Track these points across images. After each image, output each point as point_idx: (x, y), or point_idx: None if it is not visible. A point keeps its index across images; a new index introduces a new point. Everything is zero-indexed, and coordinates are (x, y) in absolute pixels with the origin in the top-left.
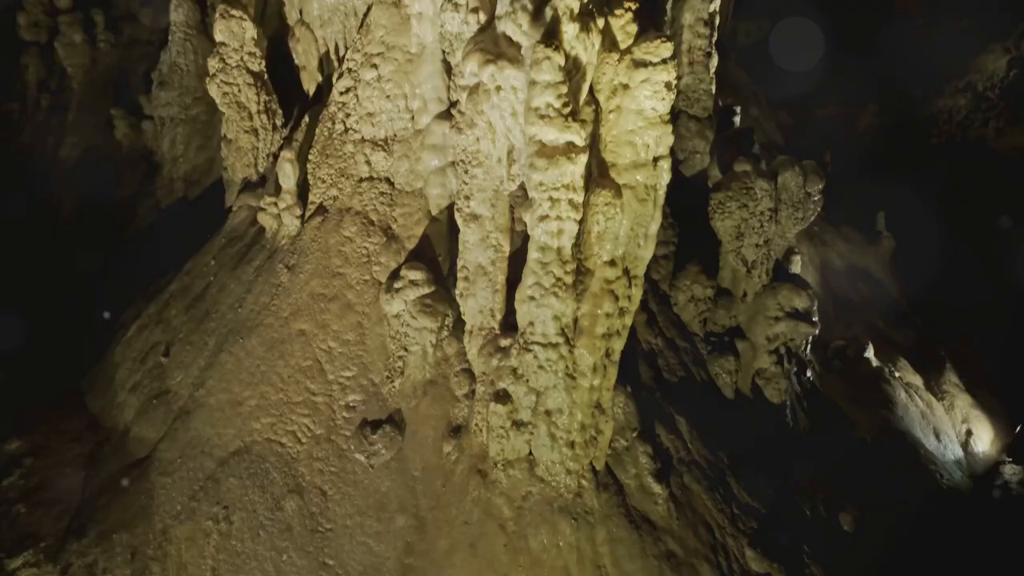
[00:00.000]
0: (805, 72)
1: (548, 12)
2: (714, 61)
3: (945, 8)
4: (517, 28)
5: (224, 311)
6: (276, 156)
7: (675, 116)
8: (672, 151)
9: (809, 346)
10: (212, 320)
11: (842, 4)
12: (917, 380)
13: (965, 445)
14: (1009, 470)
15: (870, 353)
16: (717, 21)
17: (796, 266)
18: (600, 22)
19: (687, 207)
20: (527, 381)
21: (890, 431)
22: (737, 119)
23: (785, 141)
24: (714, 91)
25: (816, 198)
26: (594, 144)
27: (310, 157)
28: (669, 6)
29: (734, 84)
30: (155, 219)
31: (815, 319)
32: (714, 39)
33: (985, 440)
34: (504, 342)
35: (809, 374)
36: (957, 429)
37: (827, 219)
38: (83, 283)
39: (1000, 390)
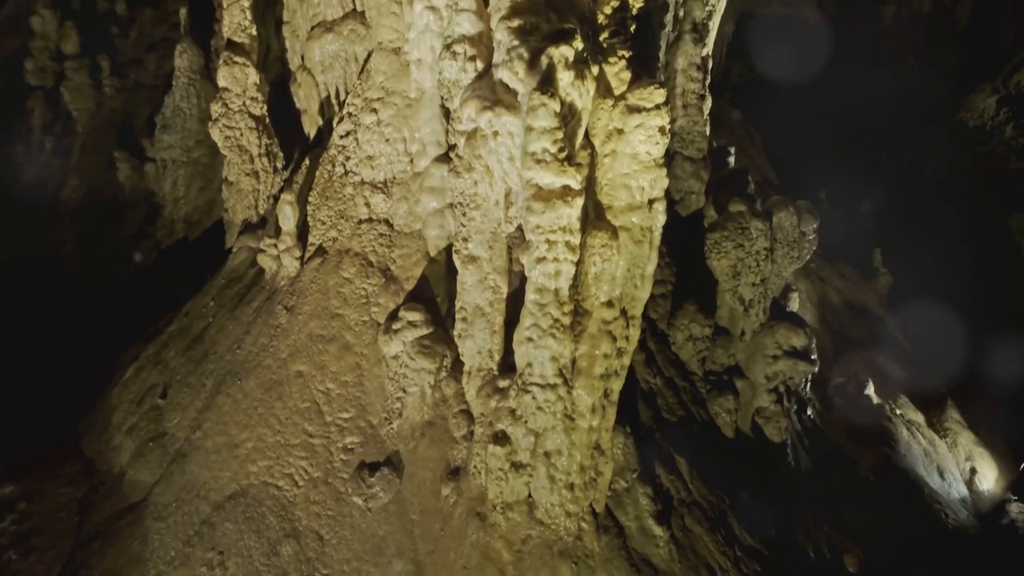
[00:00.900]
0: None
1: (544, 60)
2: (708, 103)
3: (934, 49)
4: (514, 76)
5: (222, 352)
6: (276, 198)
7: (670, 157)
8: (668, 192)
9: (809, 384)
10: (210, 361)
11: (833, 44)
12: (918, 417)
13: (969, 483)
14: (1015, 508)
15: (870, 390)
16: (710, 65)
17: (794, 303)
18: (595, 69)
19: (684, 246)
20: (526, 422)
21: (893, 469)
22: (732, 159)
23: (780, 179)
24: (708, 132)
25: (811, 237)
26: (590, 187)
27: (310, 199)
28: (663, 51)
29: (729, 124)
30: (155, 259)
31: (814, 357)
32: (707, 82)
33: (990, 478)
34: (502, 383)
35: (809, 412)
36: (961, 467)
37: (823, 255)
38: (82, 323)
39: (1002, 426)
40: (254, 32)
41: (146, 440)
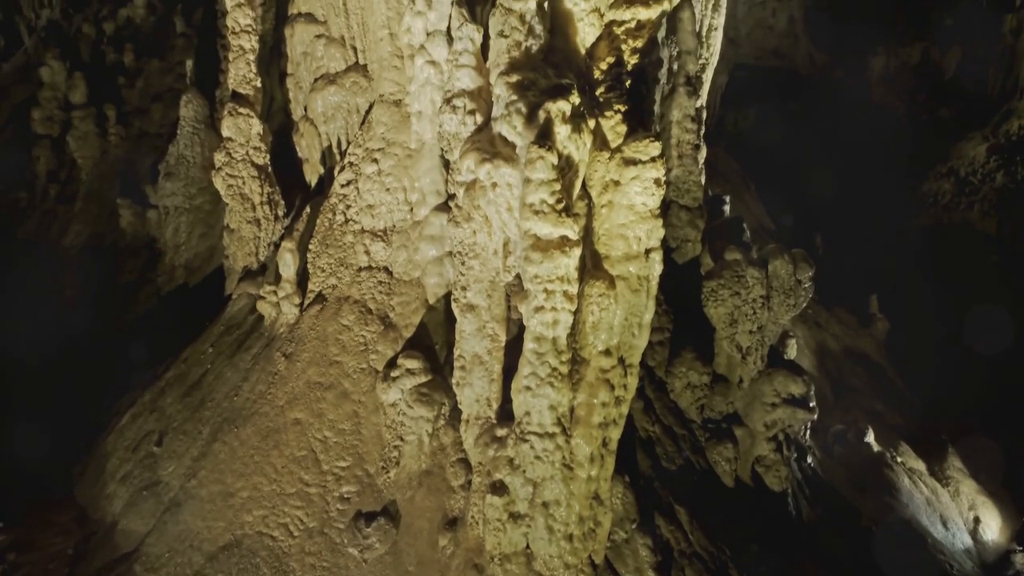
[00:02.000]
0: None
1: (541, 115)
2: (702, 153)
3: (923, 99)
4: (512, 129)
5: (220, 399)
6: (277, 245)
7: (666, 206)
8: (664, 240)
9: (808, 432)
10: (207, 408)
11: (824, 95)
12: (920, 465)
13: (974, 533)
14: (1021, 559)
15: (870, 438)
16: (704, 115)
17: (792, 350)
18: (591, 123)
19: (681, 294)
20: (524, 472)
21: (896, 519)
22: (727, 207)
23: (776, 225)
24: (703, 181)
25: (807, 285)
26: (587, 237)
27: (310, 247)
28: (658, 104)
29: (724, 171)
30: (154, 305)
31: (812, 404)
32: (702, 132)
33: (994, 528)
34: (501, 432)
35: (810, 460)
36: (964, 516)
37: (820, 301)
38: (80, 369)
39: (1004, 475)
40: (258, 84)
41: (140, 488)
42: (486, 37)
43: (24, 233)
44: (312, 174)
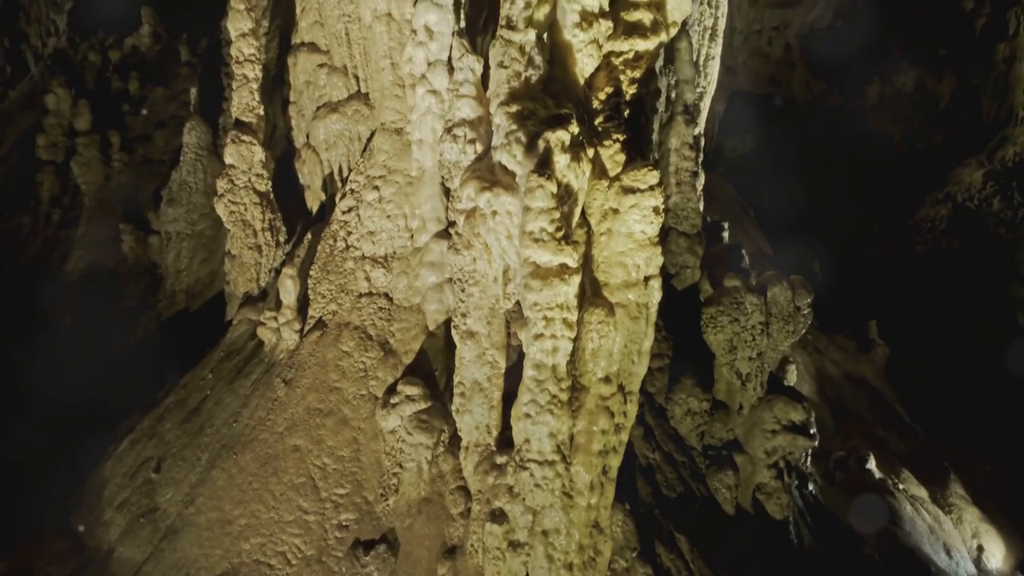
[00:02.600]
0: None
1: (541, 144)
2: (700, 180)
3: (919, 124)
4: (512, 158)
5: (219, 425)
6: (278, 271)
7: (665, 233)
8: (663, 266)
9: (809, 459)
10: (206, 435)
11: (820, 121)
12: (922, 492)
13: (977, 561)
14: None
15: (872, 465)
16: (702, 143)
17: (791, 376)
18: (590, 152)
19: (680, 320)
20: (523, 500)
21: (899, 547)
22: (725, 234)
23: (774, 251)
24: (702, 208)
25: (806, 312)
26: (587, 264)
27: (311, 273)
28: (656, 132)
29: (722, 197)
30: (155, 331)
31: (813, 431)
32: (700, 159)
33: (998, 556)
34: (500, 459)
35: (811, 487)
36: (968, 544)
37: (819, 326)
38: (80, 394)
39: (1006, 501)
40: (261, 112)
41: (137, 516)
42: (486, 67)
43: (27, 259)
44: (314, 200)
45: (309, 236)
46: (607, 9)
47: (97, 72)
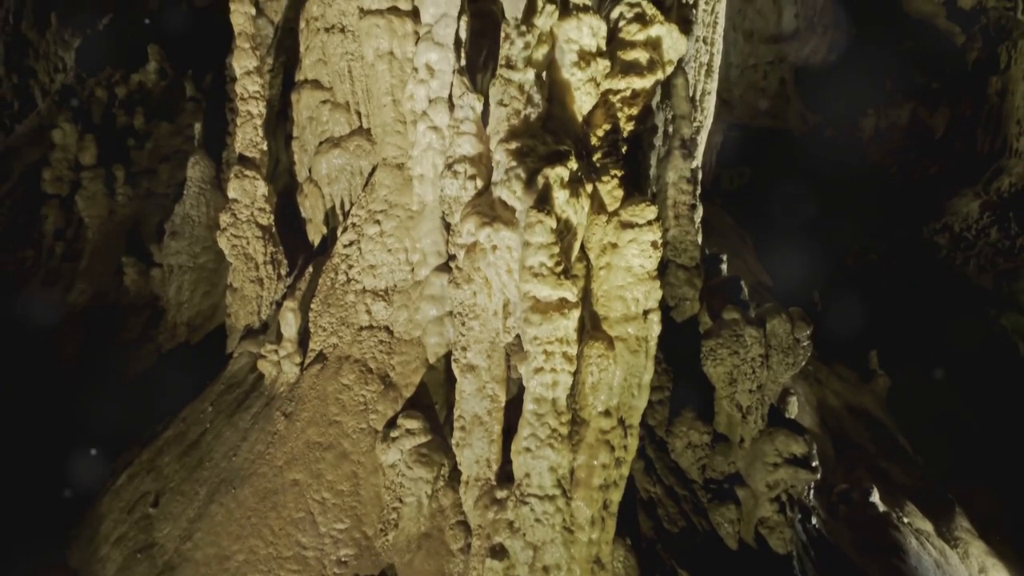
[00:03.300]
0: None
1: (540, 180)
2: (699, 213)
3: (915, 155)
4: (512, 194)
5: (218, 459)
6: (279, 304)
7: (664, 265)
8: (663, 299)
9: (812, 492)
10: (205, 469)
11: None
12: (927, 526)
13: None
14: None
15: (875, 497)
16: (700, 176)
17: (793, 408)
18: (589, 188)
19: (680, 352)
20: (524, 535)
21: None
22: (724, 266)
23: (774, 282)
24: (700, 241)
25: (805, 344)
26: (586, 298)
27: (312, 306)
28: (653, 167)
29: (721, 228)
30: (155, 363)
31: (815, 464)
32: (698, 192)
33: None
34: (500, 494)
35: (814, 521)
36: None
37: (820, 356)
38: (79, 428)
39: (1013, 534)
40: (264, 147)
41: (134, 551)
42: (486, 105)
43: (29, 291)
44: (315, 234)
45: (310, 269)
46: (604, 49)
47: (103, 107)
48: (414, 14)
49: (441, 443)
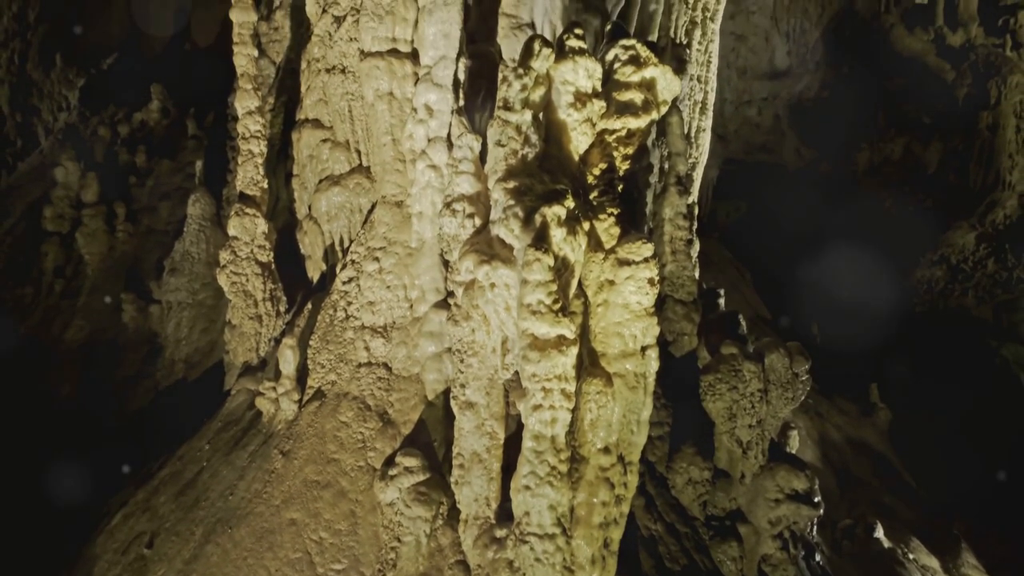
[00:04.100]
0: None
1: (537, 219)
2: (695, 248)
3: (909, 188)
4: (510, 233)
5: (214, 498)
6: (278, 341)
7: (662, 300)
8: (661, 333)
9: (815, 528)
10: (201, 508)
11: (814, 186)
12: (933, 563)
13: None
14: None
15: (880, 533)
16: (696, 211)
17: (794, 442)
18: (586, 225)
19: (679, 387)
20: (523, 575)
21: None
22: (722, 300)
23: (772, 315)
24: (697, 275)
25: (804, 378)
26: (584, 335)
27: (311, 343)
28: (650, 203)
29: (718, 262)
30: (153, 400)
31: (817, 500)
32: (694, 227)
33: None
34: (500, 533)
35: (818, 558)
36: None
37: (820, 390)
38: (74, 466)
39: (1020, 571)
40: (265, 185)
41: None
42: (484, 144)
43: (27, 328)
44: (314, 271)
45: (309, 306)
46: (600, 90)
47: (106, 145)
48: (413, 56)
49: (440, 481)
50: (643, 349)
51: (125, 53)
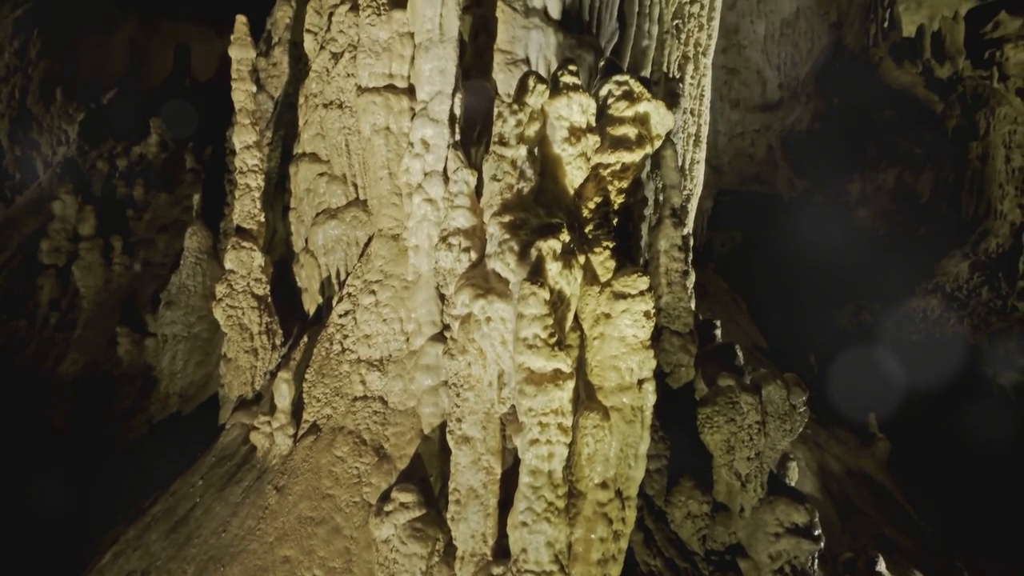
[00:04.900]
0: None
1: (533, 252)
2: (691, 279)
3: (902, 218)
4: (505, 266)
5: (207, 536)
6: (273, 374)
7: (659, 332)
8: (658, 365)
9: (816, 561)
10: (194, 545)
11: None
12: None
13: None
14: None
15: (882, 566)
16: (691, 243)
17: (793, 474)
18: (581, 259)
19: (677, 420)
20: None
21: None
22: (718, 332)
23: (769, 344)
24: (693, 307)
25: (801, 410)
26: (580, 368)
27: (307, 376)
28: (645, 235)
29: (714, 293)
30: (147, 434)
31: (817, 533)
32: (689, 259)
33: None
34: (497, 570)
35: None
36: None
37: (819, 420)
38: (67, 502)
39: None
40: (262, 219)
41: None
42: (480, 178)
43: (21, 361)
44: (311, 303)
45: (305, 339)
46: (594, 125)
47: (104, 179)
48: (410, 91)
49: (436, 517)
50: (640, 382)
51: (125, 87)
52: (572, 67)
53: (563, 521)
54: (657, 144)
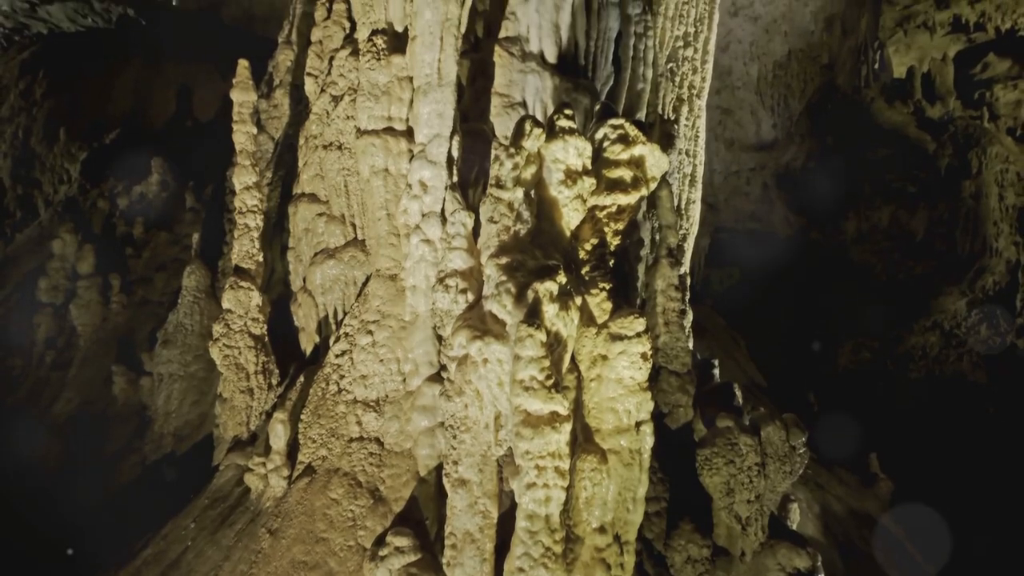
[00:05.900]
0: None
1: (530, 294)
2: (688, 318)
3: (898, 256)
4: (502, 308)
5: None
6: (269, 415)
7: (656, 372)
8: (656, 406)
9: None
10: None
11: (804, 253)
12: None
13: None
14: None
15: None
16: (688, 282)
17: (795, 515)
18: (578, 300)
19: (676, 461)
20: None
21: None
22: (716, 371)
23: (768, 382)
24: (691, 346)
25: (801, 451)
26: (578, 410)
27: (302, 417)
28: (641, 275)
29: (712, 330)
30: (140, 474)
31: None
32: (687, 298)
33: None
34: None
35: None
36: None
37: (820, 460)
38: (58, 544)
39: None
40: (261, 259)
41: None
42: (477, 220)
43: (15, 400)
44: (308, 343)
45: (302, 379)
46: (590, 167)
47: (104, 217)
48: (408, 134)
49: (432, 561)
50: (637, 424)
51: (128, 127)
52: (568, 111)
53: (560, 567)
54: (653, 186)
